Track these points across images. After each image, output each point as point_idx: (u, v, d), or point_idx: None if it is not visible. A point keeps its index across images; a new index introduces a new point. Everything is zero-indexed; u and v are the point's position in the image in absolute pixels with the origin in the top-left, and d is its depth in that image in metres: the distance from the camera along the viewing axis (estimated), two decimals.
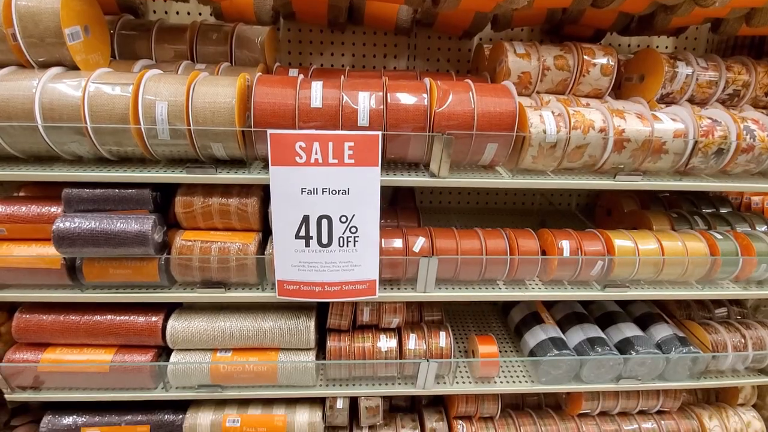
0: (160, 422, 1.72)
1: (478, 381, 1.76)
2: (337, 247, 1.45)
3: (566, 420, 1.90)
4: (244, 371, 1.62)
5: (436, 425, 1.82)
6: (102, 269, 1.47)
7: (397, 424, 1.83)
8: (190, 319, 1.62)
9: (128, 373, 1.60)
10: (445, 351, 1.68)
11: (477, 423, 1.84)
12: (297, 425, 1.71)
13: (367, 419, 1.75)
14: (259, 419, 1.72)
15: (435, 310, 1.88)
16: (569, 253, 1.60)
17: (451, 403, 1.86)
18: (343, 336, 1.69)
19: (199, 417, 1.71)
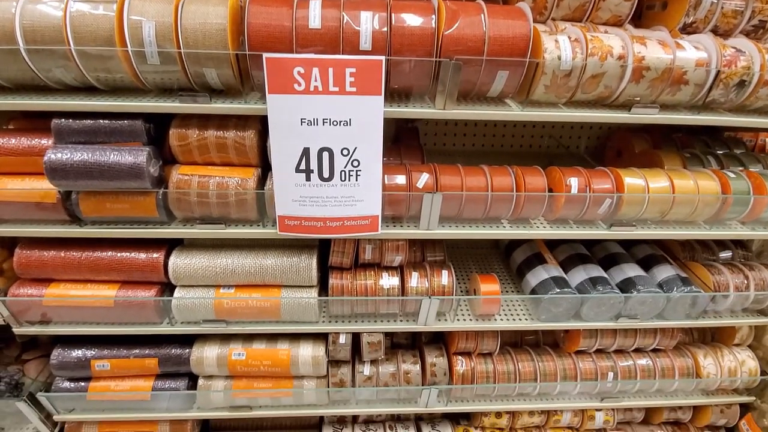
0: (167, 356, 1.77)
1: (479, 318, 1.78)
2: (338, 181, 1.41)
3: (563, 356, 1.94)
4: (248, 307, 1.63)
5: (436, 360, 1.86)
6: (99, 204, 1.44)
7: (398, 359, 1.88)
8: (191, 256, 1.61)
9: (133, 308, 1.62)
10: (447, 289, 1.69)
11: (476, 358, 1.88)
12: (301, 359, 1.75)
13: (369, 354, 1.78)
14: (263, 353, 1.75)
15: (437, 250, 1.87)
16: (577, 190, 1.56)
17: (451, 340, 1.89)
18: (345, 274, 1.68)
19: (205, 351, 1.75)
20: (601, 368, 1.91)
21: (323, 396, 1.83)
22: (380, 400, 1.92)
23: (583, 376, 1.90)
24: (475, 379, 1.84)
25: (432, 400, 1.86)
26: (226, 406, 1.85)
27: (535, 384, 1.87)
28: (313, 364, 1.75)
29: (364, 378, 1.82)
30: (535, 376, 1.88)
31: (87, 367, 1.73)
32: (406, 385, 1.83)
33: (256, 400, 1.83)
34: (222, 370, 1.76)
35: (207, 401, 1.81)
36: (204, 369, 1.76)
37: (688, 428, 2.19)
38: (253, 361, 1.74)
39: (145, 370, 1.77)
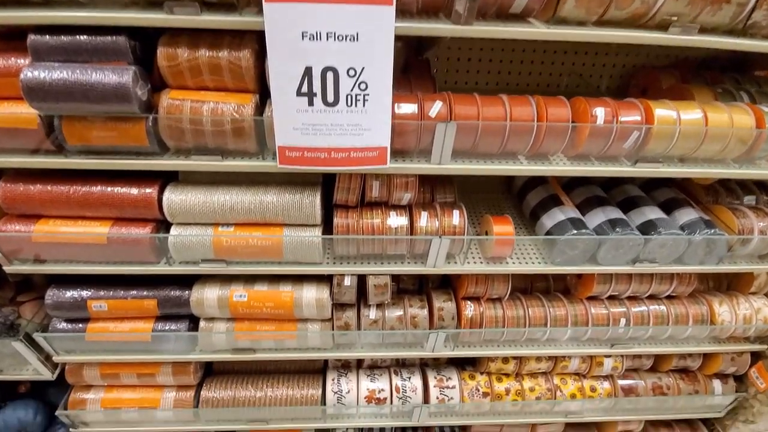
0: (166, 297, 1.71)
1: (490, 262, 1.71)
2: (344, 106, 1.28)
3: (575, 302, 1.89)
4: (248, 246, 1.55)
5: (444, 304, 1.81)
6: (84, 130, 1.33)
7: (404, 303, 1.82)
8: (187, 191, 1.52)
9: (128, 246, 1.54)
10: (458, 229, 1.60)
11: (485, 303, 1.82)
12: (304, 301, 1.69)
13: (375, 297, 1.72)
14: (266, 295, 1.69)
15: (448, 192, 1.77)
16: (603, 122, 1.44)
17: (459, 284, 1.83)
18: (351, 212, 1.59)
19: (205, 292, 1.69)
20: (613, 314, 1.86)
21: (328, 339, 1.79)
22: (386, 345, 1.88)
23: (594, 322, 1.85)
24: (484, 323, 1.79)
25: (439, 345, 1.82)
26: (228, 349, 1.81)
27: (545, 329, 1.83)
28: (317, 307, 1.69)
29: (369, 321, 1.77)
30: (545, 321, 1.83)
31: (83, 308, 1.67)
32: (413, 329, 1.78)
33: (259, 342, 1.79)
34: (223, 312, 1.71)
35: (209, 343, 1.77)
36: (205, 311, 1.70)
37: (696, 376, 2.17)
38: (255, 303, 1.69)
39: (144, 311, 1.72)
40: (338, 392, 1.96)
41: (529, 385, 2.03)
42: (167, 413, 1.93)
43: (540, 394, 2.02)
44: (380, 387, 1.98)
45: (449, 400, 1.97)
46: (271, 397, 1.95)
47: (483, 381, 2.02)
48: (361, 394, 1.96)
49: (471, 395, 1.99)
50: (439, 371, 2.04)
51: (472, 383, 2.01)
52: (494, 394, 2.00)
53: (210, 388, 1.96)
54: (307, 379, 2.01)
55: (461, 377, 2.02)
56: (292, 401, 1.95)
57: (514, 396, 2.01)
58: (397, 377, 2.01)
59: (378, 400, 1.96)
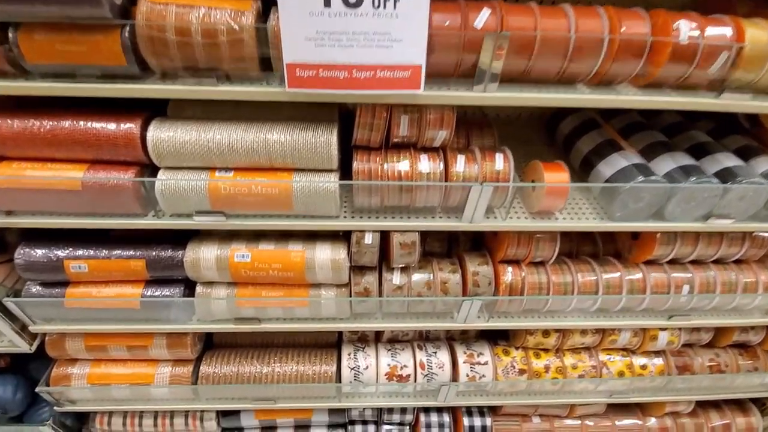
0: (157, 258, 1.47)
1: (536, 216, 1.45)
2: (370, 8, 1.01)
3: (630, 267, 1.63)
4: (251, 194, 1.29)
5: (479, 268, 1.56)
6: (46, 44, 1.06)
7: (433, 266, 1.57)
8: (177, 127, 1.26)
9: (108, 194, 1.29)
10: (502, 176, 1.34)
11: (527, 267, 1.57)
12: (318, 262, 1.44)
13: (401, 258, 1.47)
14: (272, 255, 1.45)
15: (486, 136, 1.50)
16: (687, 38, 1.16)
17: (497, 245, 1.57)
18: (374, 155, 1.33)
19: (202, 251, 1.45)
20: (675, 281, 1.60)
21: (344, 308, 1.55)
22: (411, 315, 1.64)
23: (652, 290, 1.59)
24: (525, 290, 1.54)
25: (472, 315, 1.58)
26: (230, 318, 1.58)
27: (596, 297, 1.58)
28: (333, 269, 1.45)
29: (393, 287, 1.53)
30: (596, 288, 1.58)
31: (60, 270, 1.44)
32: (443, 296, 1.54)
33: (265, 311, 1.56)
34: (223, 275, 1.47)
35: (207, 312, 1.54)
36: (201, 273, 1.46)
37: (755, 351, 1.93)
38: (260, 265, 1.44)
39: (131, 274, 1.48)
40: (355, 368, 1.73)
41: (571, 362, 1.79)
42: (162, 390, 1.72)
43: (584, 371, 1.78)
44: (402, 363, 1.75)
45: (481, 378, 1.74)
46: (279, 374, 1.72)
47: (519, 357, 1.78)
48: (381, 371, 1.73)
49: (505, 372, 1.76)
50: (469, 345, 1.81)
51: (507, 359, 1.77)
52: (532, 372, 1.76)
53: (210, 363, 1.74)
54: (320, 354, 1.78)
55: (494, 352, 1.79)
56: (303, 378, 1.72)
57: (555, 374, 1.77)
58: (421, 352, 1.78)
59: (400, 377, 1.73)
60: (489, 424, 1.91)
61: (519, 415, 2.00)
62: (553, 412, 1.99)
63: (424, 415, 1.93)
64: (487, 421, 1.92)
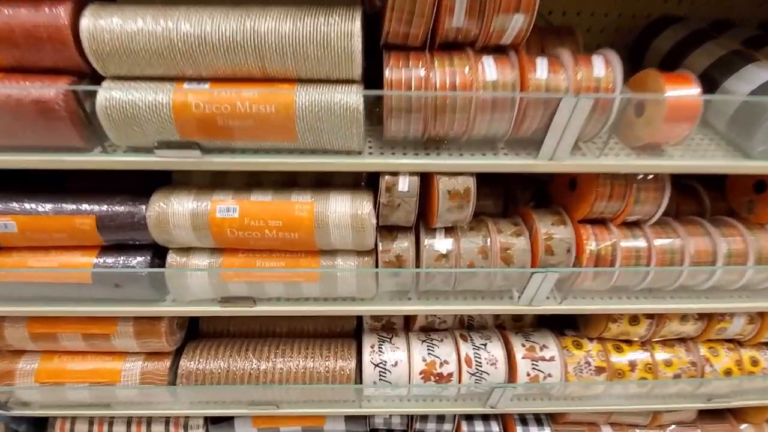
0: (110, 213, 1.06)
1: (641, 152, 1.02)
2: None
3: (754, 229, 1.20)
4: (235, 115, 0.88)
5: (554, 230, 1.14)
6: None
7: (489, 228, 1.15)
8: (123, 12, 0.85)
9: (30, 115, 0.89)
10: (604, 86, 0.91)
11: (618, 229, 1.15)
12: (332, 219, 1.03)
13: (448, 213, 1.05)
14: (269, 209, 1.04)
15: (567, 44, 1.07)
16: None
17: (580, 197, 1.14)
18: (414, 58, 0.91)
19: (172, 204, 1.04)
20: None
21: (368, 284, 1.14)
22: (456, 294, 1.23)
23: None
24: (618, 260, 1.12)
25: (542, 294, 1.16)
26: (214, 298, 1.18)
27: (714, 269, 1.15)
28: (353, 229, 1.04)
29: (435, 255, 1.11)
30: (713, 258, 1.15)
31: None
32: (504, 267, 1.12)
33: (261, 288, 1.15)
34: (203, 238, 1.06)
35: (183, 289, 1.14)
36: (172, 235, 1.06)
37: None
38: (252, 222, 1.04)
39: (78, 236, 1.09)
40: (381, 365, 1.33)
41: (664, 357, 1.37)
42: (131, 392, 1.33)
43: (680, 369, 1.36)
44: (443, 358, 1.34)
45: (546, 378, 1.33)
46: (282, 371, 1.33)
47: (595, 350, 1.37)
48: (414, 368, 1.32)
49: (578, 371, 1.34)
50: (527, 336, 1.39)
51: (579, 354, 1.36)
52: (612, 370, 1.35)
53: (193, 357, 1.34)
54: (335, 347, 1.38)
55: (562, 345, 1.37)
56: (313, 377, 1.33)
57: (643, 373, 1.35)
58: (466, 344, 1.37)
59: (440, 376, 1.33)
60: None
61: (585, 423, 1.59)
62: (629, 420, 1.57)
63: (466, 423, 1.53)
64: (545, 431, 1.51)
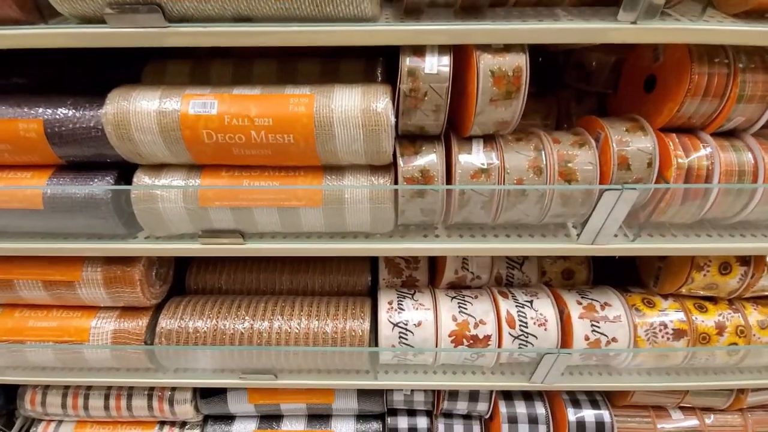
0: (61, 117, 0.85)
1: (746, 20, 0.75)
2: None
3: None
4: None
5: (628, 137, 0.86)
6: None
7: (542, 138, 0.88)
8: None
9: None
10: None
11: (715, 140, 0.87)
12: (337, 116, 0.79)
13: (492, 108, 0.79)
14: (256, 103, 0.81)
15: None
16: None
17: (663, 97, 0.87)
18: None
19: (134, 101, 0.82)
20: None
21: (385, 212, 0.89)
22: (496, 230, 0.98)
23: None
24: (718, 176, 0.85)
25: (612, 224, 0.89)
26: (193, 233, 0.95)
27: None
28: (366, 128, 0.79)
29: (472, 170, 0.86)
30: None
31: None
32: (565, 185, 0.86)
33: (250, 216, 0.91)
34: (174, 146, 0.83)
35: (155, 218, 0.91)
36: (136, 143, 0.83)
37: None
38: (235, 122, 0.80)
39: (26, 148, 0.87)
40: (401, 324, 1.07)
41: (758, 318, 1.08)
42: (102, 354, 1.11)
43: None
44: (478, 317, 1.08)
45: (610, 343, 1.05)
46: (281, 333, 1.09)
47: (673, 309, 1.08)
48: (443, 329, 1.07)
49: (651, 335, 1.06)
50: (584, 294, 1.12)
51: (652, 314, 1.08)
52: (696, 334, 1.06)
53: (174, 314, 1.11)
54: (345, 304, 1.14)
55: (629, 303, 1.09)
56: (318, 340, 1.08)
57: (734, 337, 1.06)
58: (507, 301, 1.10)
59: (474, 339, 1.07)
60: (608, 419, 1.22)
61: (650, 407, 1.30)
62: (705, 402, 1.28)
63: (505, 404, 1.26)
64: (604, 415, 1.22)
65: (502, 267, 1.21)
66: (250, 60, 0.97)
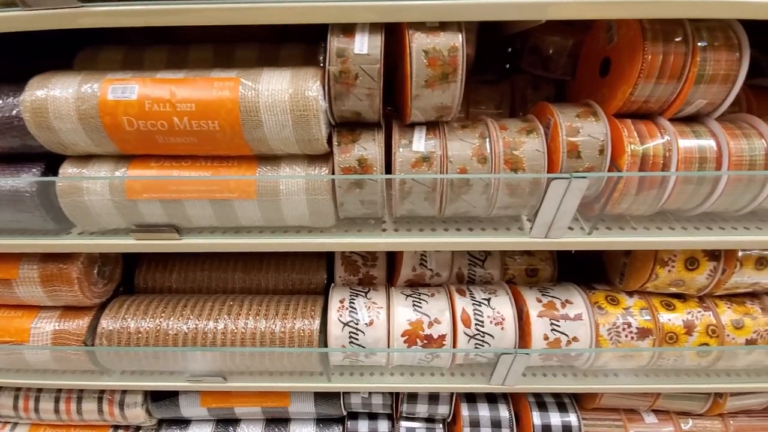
0: None
1: None
2: None
3: None
4: None
5: (579, 123, 0.80)
6: None
7: (487, 124, 0.84)
8: None
9: None
10: None
11: (674, 125, 0.82)
12: (265, 99, 0.73)
13: (428, 91, 0.74)
14: (178, 87, 0.76)
15: None
16: None
17: (617, 80, 0.82)
18: None
19: (52, 88, 0.77)
20: None
21: (323, 204, 0.84)
22: (447, 223, 0.92)
23: None
24: (675, 163, 0.79)
25: (563, 217, 0.83)
26: (125, 228, 0.90)
27: None
28: (294, 114, 0.74)
29: (412, 159, 0.81)
30: None
31: None
32: (511, 174, 0.81)
33: (182, 209, 0.85)
34: (95, 134, 0.78)
35: (83, 212, 0.86)
36: (57, 131, 0.78)
37: None
38: (156, 107, 0.75)
39: None
40: (351, 323, 1.02)
41: (732, 317, 1.03)
42: (42, 356, 1.07)
43: (755, 334, 1.01)
44: (433, 316, 1.03)
45: (570, 343, 1.00)
46: (227, 333, 1.04)
47: (637, 308, 1.03)
48: (395, 328, 1.02)
49: (614, 334, 1.01)
50: (545, 291, 1.07)
51: (616, 312, 1.02)
52: (662, 333, 1.01)
53: (117, 314, 1.06)
54: (296, 302, 1.09)
55: (591, 300, 1.04)
56: (266, 340, 1.03)
57: (705, 337, 1.01)
58: (463, 298, 1.05)
59: (428, 339, 1.01)
60: (575, 423, 1.16)
61: (621, 410, 1.24)
62: (681, 406, 1.22)
63: (467, 406, 1.21)
64: (571, 418, 1.17)
65: (463, 264, 1.16)
66: (186, 46, 0.92)
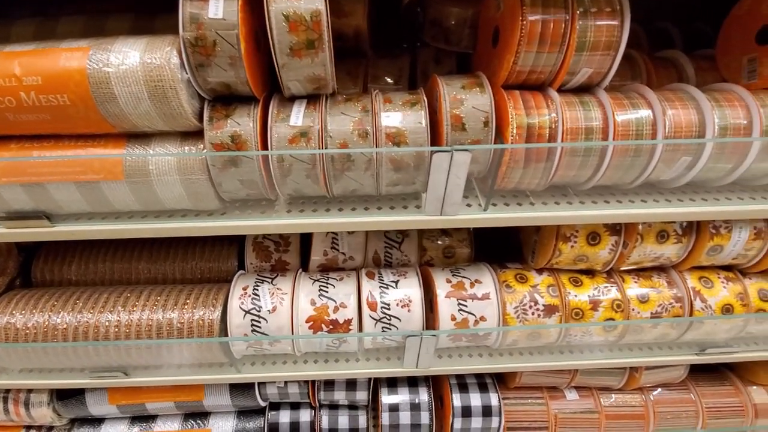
0: None
1: None
2: None
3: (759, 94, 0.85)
4: None
5: (463, 94, 0.77)
6: None
7: (372, 96, 0.80)
8: None
9: None
10: None
11: (562, 96, 0.80)
12: (116, 70, 0.68)
13: (293, 61, 0.69)
14: (23, 59, 0.69)
15: None
16: None
17: (502, 50, 0.79)
18: None
19: None
20: None
21: (200, 186, 0.79)
22: (340, 202, 0.89)
23: None
24: (561, 135, 0.77)
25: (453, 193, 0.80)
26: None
27: (702, 141, 0.80)
28: (150, 86, 0.69)
29: (288, 134, 0.76)
30: (697, 129, 0.80)
31: None
32: (391, 147, 0.77)
33: (46, 194, 0.79)
34: None
35: None
36: None
37: None
38: (1, 82, 0.69)
39: None
40: (253, 311, 0.98)
41: (637, 292, 1.02)
42: None
43: (660, 307, 1.01)
44: (339, 300, 0.99)
45: (478, 323, 0.98)
46: (120, 325, 0.98)
47: (545, 285, 1.02)
48: (299, 314, 0.98)
49: (521, 312, 0.99)
50: (456, 271, 1.05)
51: (523, 290, 1.01)
52: (568, 310, 1.00)
53: (5, 309, 1.00)
54: (198, 292, 1.03)
55: (500, 279, 1.02)
56: (163, 331, 0.98)
57: (610, 312, 1.00)
58: (371, 281, 1.02)
59: (334, 324, 0.98)
60: (496, 403, 1.15)
61: (543, 388, 1.24)
62: (599, 381, 1.23)
63: (387, 390, 1.18)
64: (491, 398, 1.16)
65: (379, 247, 1.13)
66: (56, 18, 0.85)
